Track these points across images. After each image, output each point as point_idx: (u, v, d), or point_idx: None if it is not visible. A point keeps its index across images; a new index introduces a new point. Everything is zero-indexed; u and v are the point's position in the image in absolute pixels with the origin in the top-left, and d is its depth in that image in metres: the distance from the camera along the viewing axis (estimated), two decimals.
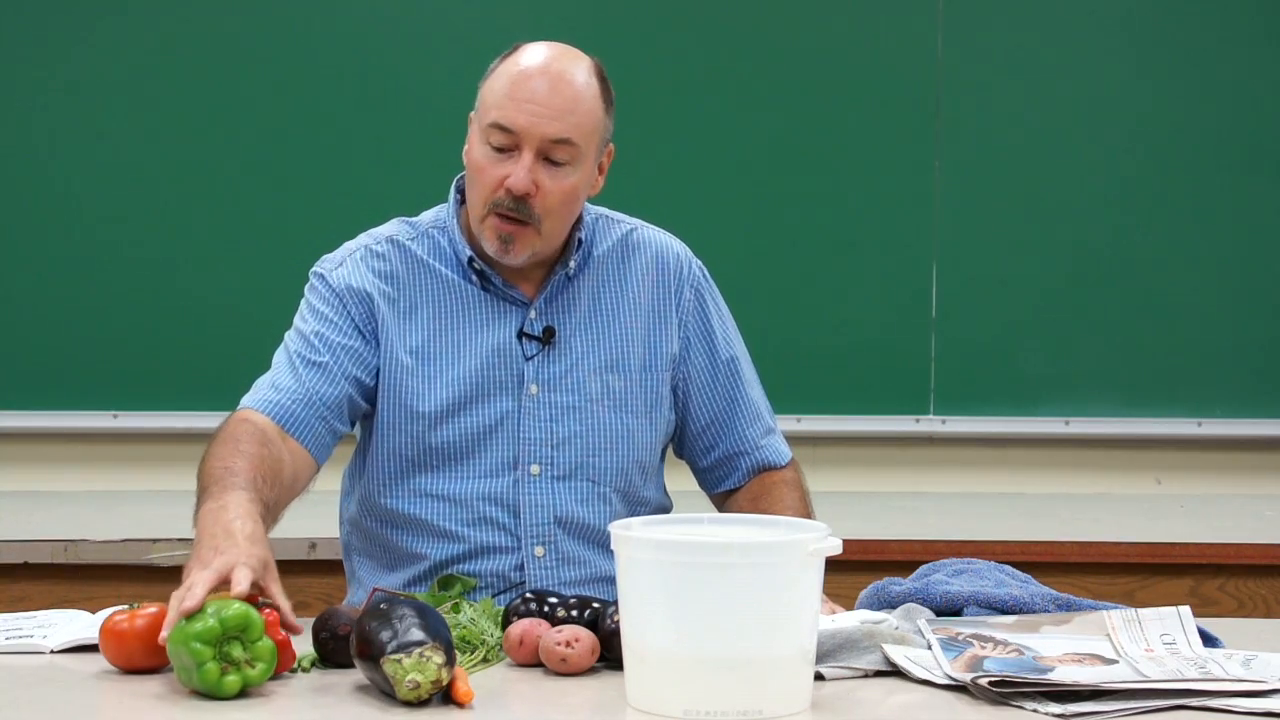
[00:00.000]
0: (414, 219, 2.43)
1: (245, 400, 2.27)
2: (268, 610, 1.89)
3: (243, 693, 1.82)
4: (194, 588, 1.83)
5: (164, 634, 1.82)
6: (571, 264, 2.37)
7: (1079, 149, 4.05)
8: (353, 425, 2.36)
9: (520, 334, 2.35)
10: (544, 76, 2.26)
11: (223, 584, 1.86)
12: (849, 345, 4.03)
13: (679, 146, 4.00)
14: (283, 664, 1.90)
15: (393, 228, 2.42)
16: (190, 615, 1.81)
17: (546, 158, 2.26)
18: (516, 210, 2.26)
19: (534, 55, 2.29)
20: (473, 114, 2.33)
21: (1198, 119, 4.05)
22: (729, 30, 4.02)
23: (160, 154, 3.93)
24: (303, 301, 2.39)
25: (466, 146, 2.33)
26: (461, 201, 2.39)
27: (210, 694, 1.80)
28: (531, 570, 2.33)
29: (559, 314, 2.37)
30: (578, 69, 2.29)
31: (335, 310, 2.33)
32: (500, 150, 2.26)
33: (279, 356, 2.33)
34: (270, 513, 2.08)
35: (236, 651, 1.82)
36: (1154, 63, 4.05)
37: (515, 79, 2.26)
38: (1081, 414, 4.06)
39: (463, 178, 2.38)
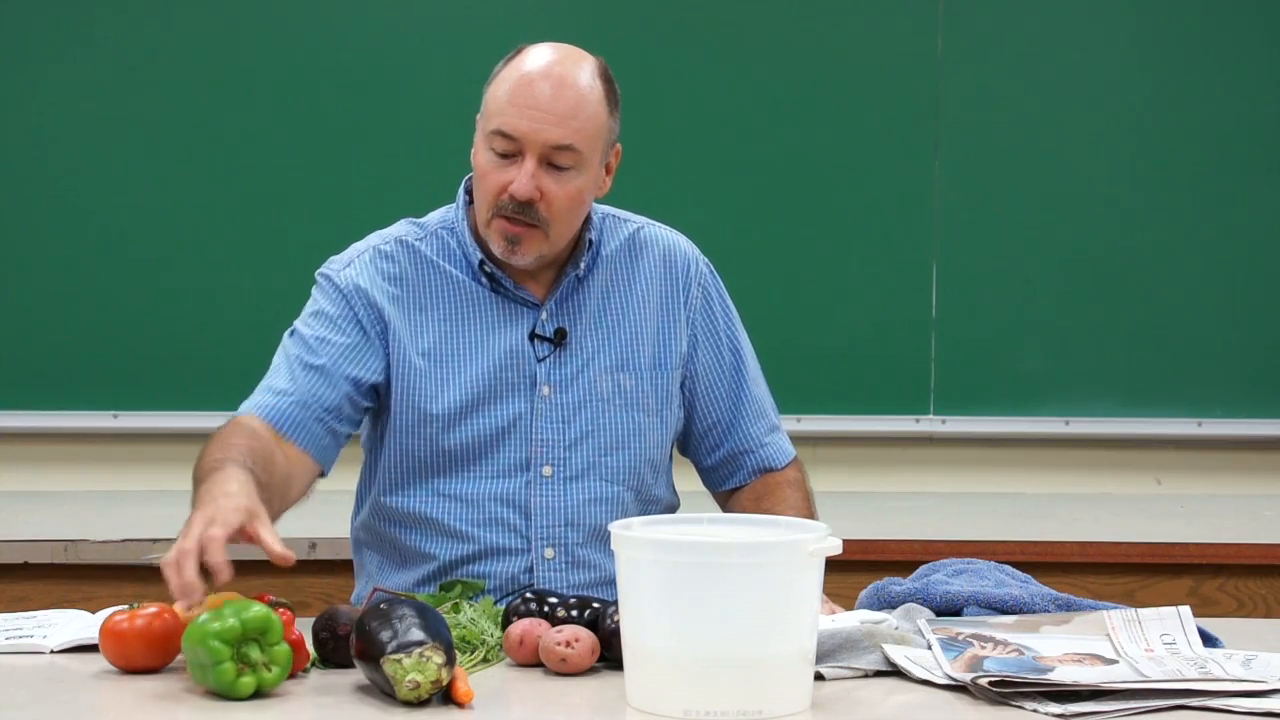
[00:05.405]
0: (421, 220, 2.41)
1: (242, 406, 2.27)
2: (282, 610, 1.89)
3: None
4: (182, 563, 1.83)
5: (181, 607, 1.83)
6: (582, 265, 2.37)
7: (1079, 149, 4.05)
8: (357, 425, 2.35)
9: (532, 336, 2.35)
10: (546, 81, 2.24)
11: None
12: (849, 345, 4.03)
13: (679, 146, 4.00)
14: (296, 664, 1.90)
15: (400, 229, 2.40)
16: (195, 604, 1.81)
17: (550, 163, 2.24)
18: (522, 213, 2.25)
19: (536, 58, 2.27)
20: (479, 116, 2.32)
21: (1197, 119, 4.05)
22: (729, 30, 4.01)
23: (160, 154, 3.93)
24: (308, 302, 2.37)
25: (474, 149, 2.32)
26: (470, 203, 2.37)
27: (224, 694, 1.80)
28: (541, 573, 2.32)
29: (570, 315, 2.36)
30: (581, 71, 2.26)
31: (339, 309, 2.32)
32: (504, 155, 2.25)
33: (277, 360, 2.32)
34: (264, 490, 2.04)
35: (254, 653, 1.81)
36: (1154, 63, 4.05)
37: (517, 84, 2.24)
38: (1081, 414, 4.06)
39: (471, 179, 2.36)
